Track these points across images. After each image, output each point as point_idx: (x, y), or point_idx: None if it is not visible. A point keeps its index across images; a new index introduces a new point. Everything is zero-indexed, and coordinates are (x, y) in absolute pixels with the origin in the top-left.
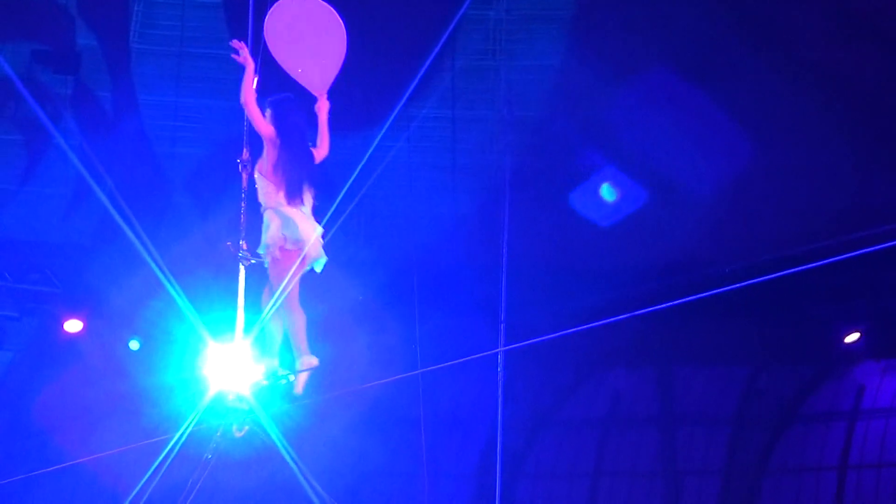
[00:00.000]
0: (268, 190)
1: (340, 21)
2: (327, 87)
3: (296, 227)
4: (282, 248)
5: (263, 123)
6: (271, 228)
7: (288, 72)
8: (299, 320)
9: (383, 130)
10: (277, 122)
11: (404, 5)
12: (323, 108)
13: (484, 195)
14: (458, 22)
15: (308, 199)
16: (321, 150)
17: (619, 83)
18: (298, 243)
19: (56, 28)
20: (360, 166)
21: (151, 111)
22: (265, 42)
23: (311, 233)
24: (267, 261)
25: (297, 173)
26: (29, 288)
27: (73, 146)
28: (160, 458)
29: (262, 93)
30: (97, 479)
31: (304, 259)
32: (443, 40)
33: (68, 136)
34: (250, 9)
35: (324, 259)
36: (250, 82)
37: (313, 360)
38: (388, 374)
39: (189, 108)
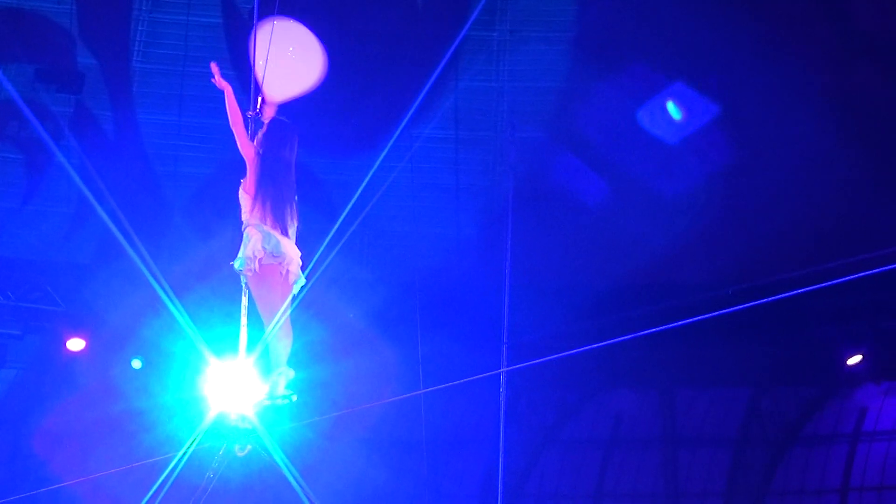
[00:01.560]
0: (251, 208)
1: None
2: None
3: (277, 242)
4: (261, 262)
5: (248, 145)
6: (251, 242)
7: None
8: (286, 339)
9: (385, 150)
10: (267, 139)
11: (407, 26)
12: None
13: (487, 215)
14: (461, 43)
15: (292, 225)
16: None
17: (621, 104)
18: (278, 257)
19: (59, 47)
20: (362, 186)
21: (154, 130)
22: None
23: (292, 250)
24: (245, 277)
25: (281, 194)
26: (31, 306)
27: (75, 165)
28: (162, 476)
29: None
30: (99, 499)
31: (287, 276)
32: (444, 61)
33: (70, 155)
34: (253, 28)
35: (302, 280)
36: (233, 103)
37: (290, 372)
38: (391, 394)
39: (192, 127)
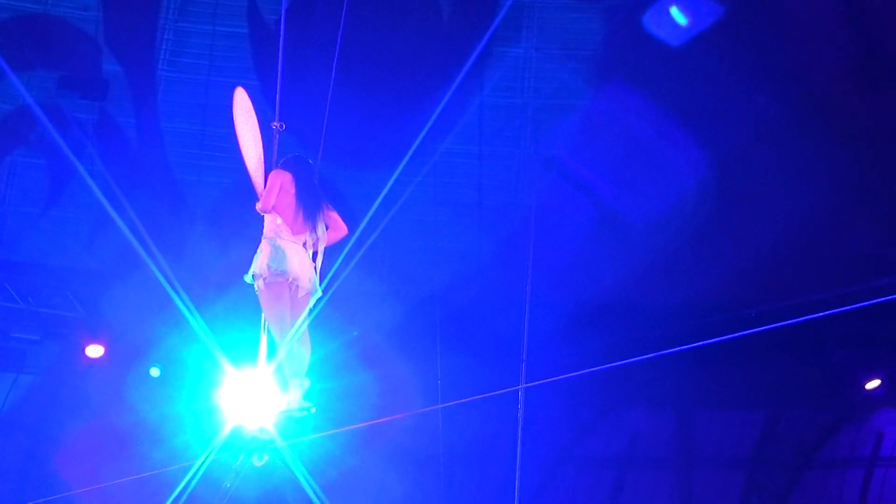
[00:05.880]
0: (270, 220)
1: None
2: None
3: (283, 260)
4: (265, 280)
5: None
6: (259, 259)
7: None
8: (305, 351)
9: (403, 162)
10: (293, 167)
11: (432, 40)
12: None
13: (508, 232)
14: (487, 58)
15: (312, 237)
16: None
17: (645, 123)
18: (283, 275)
19: (84, 54)
20: (379, 198)
21: (177, 139)
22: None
23: (300, 268)
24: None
25: (308, 206)
26: (51, 312)
27: (97, 172)
28: (180, 486)
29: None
30: None
31: (296, 291)
32: (463, 72)
33: (92, 162)
34: (281, 39)
35: (318, 293)
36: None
37: (306, 382)
38: (409, 408)
39: (215, 137)
